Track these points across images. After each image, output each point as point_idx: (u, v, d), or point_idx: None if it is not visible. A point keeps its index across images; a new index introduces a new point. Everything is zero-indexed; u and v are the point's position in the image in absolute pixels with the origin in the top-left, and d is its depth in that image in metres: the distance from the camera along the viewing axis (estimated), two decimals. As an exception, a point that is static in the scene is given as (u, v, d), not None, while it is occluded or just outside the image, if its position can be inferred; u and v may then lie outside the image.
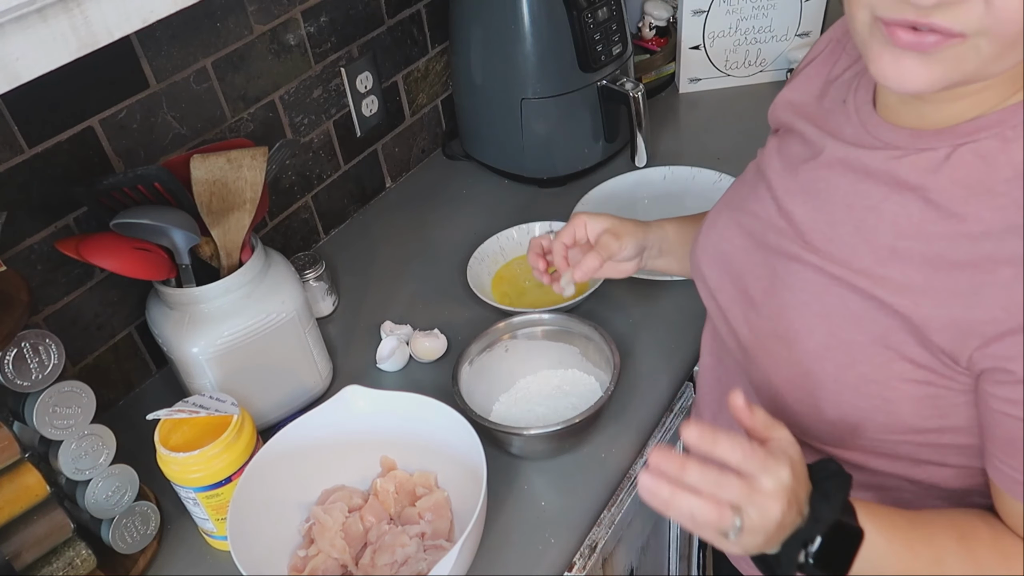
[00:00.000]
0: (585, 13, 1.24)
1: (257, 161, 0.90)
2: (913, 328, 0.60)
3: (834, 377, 0.65)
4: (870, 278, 0.62)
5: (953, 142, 0.60)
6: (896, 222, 0.62)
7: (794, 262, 0.68)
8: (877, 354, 0.62)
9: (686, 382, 1.05)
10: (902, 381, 0.62)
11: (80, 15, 0.56)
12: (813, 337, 0.66)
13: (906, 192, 0.62)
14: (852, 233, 0.65)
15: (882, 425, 0.65)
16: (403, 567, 0.82)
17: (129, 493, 0.84)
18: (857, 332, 0.63)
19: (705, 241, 0.80)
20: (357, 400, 0.89)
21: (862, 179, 0.65)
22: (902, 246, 0.61)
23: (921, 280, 0.60)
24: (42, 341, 0.74)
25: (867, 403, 0.64)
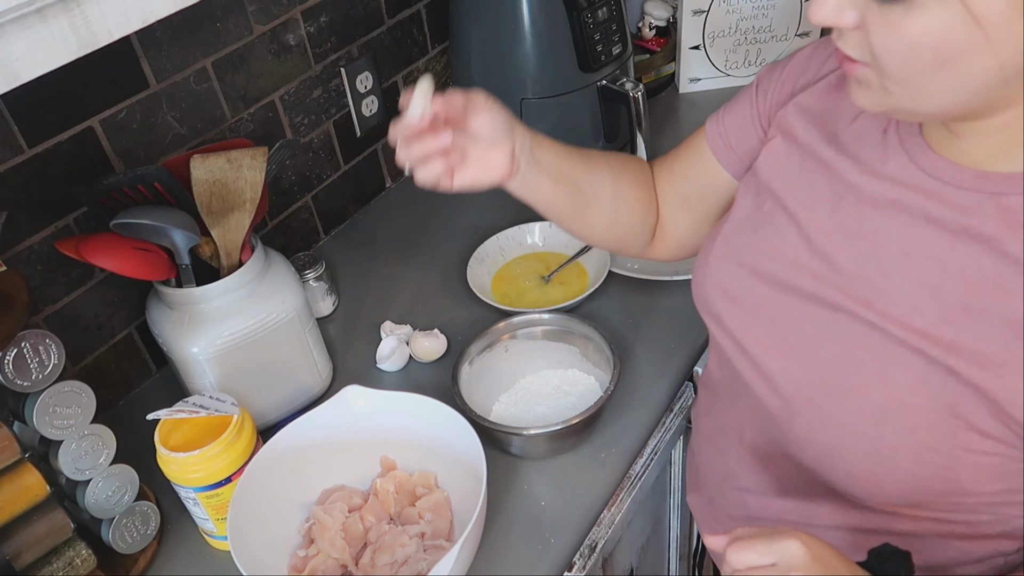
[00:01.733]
0: (585, 13, 1.24)
1: (257, 161, 0.90)
2: (991, 402, 0.55)
3: (892, 442, 0.60)
4: (938, 343, 0.57)
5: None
6: (966, 276, 0.56)
7: (841, 313, 0.62)
8: (942, 422, 0.57)
9: (686, 382, 1.05)
10: (966, 451, 0.57)
11: (80, 15, 0.56)
12: (869, 399, 0.60)
13: (976, 243, 0.56)
14: (912, 286, 0.58)
15: (937, 491, 0.61)
16: (403, 567, 0.82)
17: (129, 493, 0.84)
18: (921, 398, 0.57)
19: (717, 277, 0.74)
20: (357, 400, 0.89)
21: (921, 224, 0.59)
22: (977, 305, 0.55)
23: (1001, 348, 0.54)
24: (42, 341, 0.74)
25: (925, 471, 0.59)
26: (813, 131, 0.69)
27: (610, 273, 1.14)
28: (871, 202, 0.62)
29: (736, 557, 0.58)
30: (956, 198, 0.57)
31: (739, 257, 0.72)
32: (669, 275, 1.13)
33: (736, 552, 0.58)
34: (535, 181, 0.79)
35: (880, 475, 0.62)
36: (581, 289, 1.14)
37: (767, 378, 0.69)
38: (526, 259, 1.22)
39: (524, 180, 0.78)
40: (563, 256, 1.20)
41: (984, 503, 0.62)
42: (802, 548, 0.56)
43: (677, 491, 1.13)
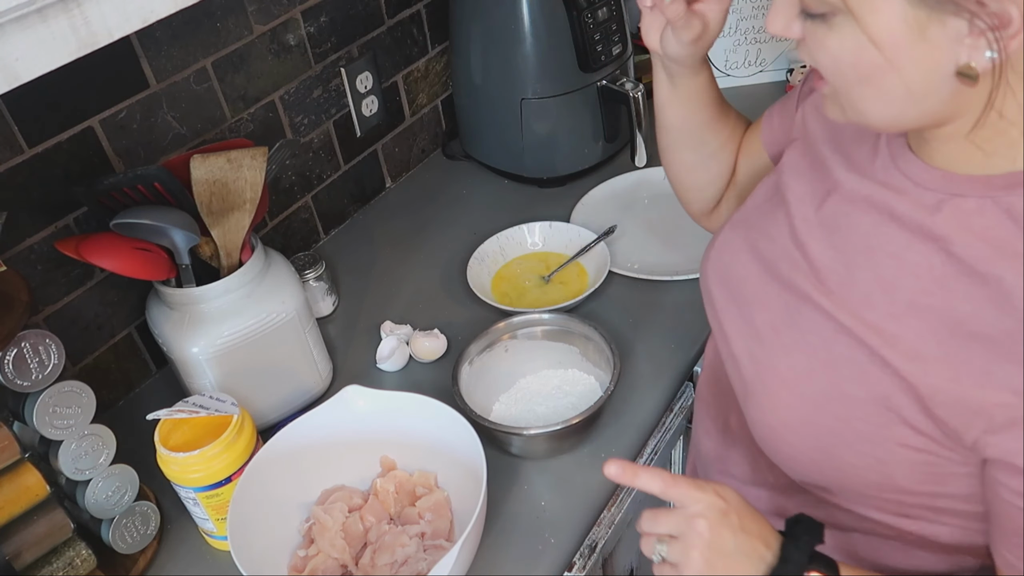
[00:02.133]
0: (585, 13, 1.24)
1: (257, 161, 0.90)
2: (918, 396, 0.57)
3: (829, 429, 0.63)
4: (880, 335, 0.59)
5: (985, 193, 0.56)
6: (917, 274, 0.58)
7: (805, 302, 0.65)
8: (876, 414, 0.59)
9: (686, 382, 1.05)
10: (898, 445, 0.59)
11: (80, 15, 0.56)
12: (813, 384, 0.63)
13: (930, 242, 0.58)
14: (871, 280, 0.61)
15: (874, 483, 0.63)
16: (403, 567, 0.82)
17: (129, 493, 0.84)
18: (858, 387, 0.60)
19: (717, 259, 0.77)
20: (357, 400, 0.89)
21: (886, 221, 0.61)
22: (921, 303, 0.58)
23: (935, 346, 0.56)
24: (42, 341, 0.74)
25: (860, 460, 0.62)
26: (820, 129, 0.72)
27: (610, 273, 1.14)
28: (848, 198, 0.65)
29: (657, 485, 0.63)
30: (922, 198, 0.59)
31: (744, 238, 0.75)
32: (669, 275, 1.13)
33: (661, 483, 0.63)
34: (687, 83, 0.83)
35: (819, 461, 0.64)
36: (581, 289, 1.14)
37: (735, 360, 0.72)
38: (526, 259, 1.22)
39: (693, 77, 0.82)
40: (563, 256, 1.20)
41: (928, 507, 0.63)
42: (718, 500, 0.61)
43: (677, 491, 1.13)
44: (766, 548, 0.61)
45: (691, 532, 0.61)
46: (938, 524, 0.64)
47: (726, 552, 0.60)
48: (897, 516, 0.65)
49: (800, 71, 1.53)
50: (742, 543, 0.60)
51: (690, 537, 0.61)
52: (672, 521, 0.62)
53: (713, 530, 0.60)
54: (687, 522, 0.61)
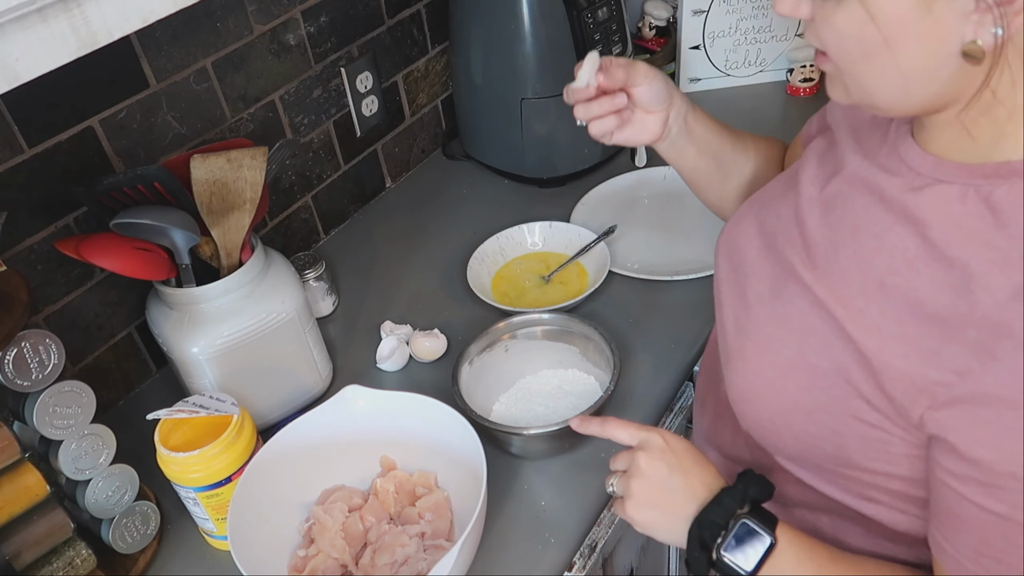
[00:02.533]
0: (585, 13, 1.24)
1: (257, 161, 0.90)
2: (871, 370, 0.59)
3: (792, 397, 0.65)
4: (848, 309, 0.61)
5: (969, 181, 0.57)
6: (892, 255, 0.60)
7: (791, 275, 0.67)
8: (835, 385, 0.61)
9: (686, 382, 1.05)
10: (853, 419, 0.61)
11: (80, 15, 0.56)
12: (783, 353, 0.65)
13: (910, 225, 0.60)
14: (850, 258, 0.63)
15: (830, 456, 0.65)
16: (403, 567, 0.82)
17: (129, 493, 0.84)
18: (822, 358, 0.62)
19: (728, 233, 0.79)
20: (357, 400, 0.89)
21: (875, 203, 0.63)
22: (890, 282, 0.59)
23: (895, 325, 0.58)
24: (42, 341, 0.74)
25: (816, 430, 0.64)
26: (842, 115, 0.74)
27: (610, 273, 1.14)
28: (849, 180, 0.67)
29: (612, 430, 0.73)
30: (912, 181, 0.61)
31: (757, 214, 0.76)
32: (669, 275, 1.13)
33: (614, 426, 0.73)
34: (682, 147, 0.88)
35: (779, 426, 0.67)
36: (581, 289, 1.14)
37: (723, 327, 0.75)
38: (526, 259, 1.22)
39: (672, 144, 0.87)
40: (563, 256, 1.21)
41: (883, 488, 0.64)
42: (659, 438, 0.69)
43: (677, 491, 1.13)
44: (705, 489, 0.66)
45: (633, 465, 0.69)
46: (896, 511, 0.66)
47: (659, 485, 0.67)
48: (858, 498, 0.67)
49: (800, 71, 1.53)
50: (677, 479, 0.66)
51: (632, 469, 0.69)
52: (623, 458, 0.71)
53: (650, 463, 0.67)
54: (631, 456, 0.69)
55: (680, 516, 0.66)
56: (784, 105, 1.52)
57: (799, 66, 1.54)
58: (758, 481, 0.65)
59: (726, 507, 0.64)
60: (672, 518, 0.66)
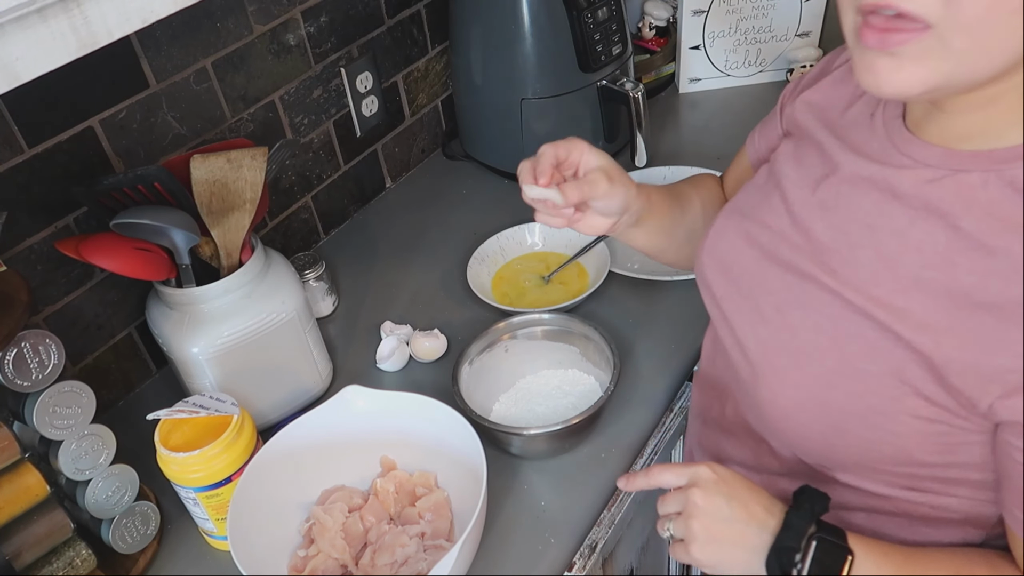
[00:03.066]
0: (585, 13, 1.24)
1: (257, 161, 0.90)
2: (931, 367, 0.58)
3: (842, 405, 0.63)
4: (888, 310, 0.60)
5: (989, 167, 0.57)
6: (921, 249, 0.59)
7: (809, 281, 0.66)
8: (890, 387, 0.60)
9: (686, 382, 1.05)
10: (912, 417, 0.60)
11: (80, 15, 0.56)
12: (824, 363, 0.64)
13: (934, 218, 0.59)
14: (873, 258, 0.62)
15: (888, 457, 0.63)
16: (403, 567, 0.82)
17: (129, 493, 0.84)
18: (870, 363, 0.61)
19: (712, 248, 0.78)
20: (357, 400, 0.89)
21: (888, 200, 0.62)
22: (926, 276, 0.59)
23: (943, 317, 0.57)
24: (42, 341, 0.74)
25: (873, 434, 0.62)
26: (813, 119, 0.73)
27: (610, 273, 1.14)
28: (848, 179, 0.66)
29: (657, 475, 0.69)
30: (923, 175, 0.60)
31: (738, 226, 0.75)
32: (669, 275, 1.13)
33: (659, 471, 0.69)
34: (630, 235, 0.87)
35: (832, 437, 0.65)
36: (581, 289, 1.14)
37: (741, 344, 0.72)
38: (526, 259, 1.22)
39: (621, 234, 0.86)
40: (563, 256, 1.20)
41: (939, 478, 0.64)
42: (709, 471, 0.65)
43: (677, 491, 1.13)
44: (767, 515, 0.63)
45: (688, 504, 0.65)
46: (946, 496, 0.65)
47: (723, 518, 0.64)
48: (906, 490, 0.66)
49: (800, 71, 1.53)
50: (737, 509, 0.64)
51: (688, 508, 0.65)
52: (674, 499, 0.67)
53: (707, 498, 0.64)
54: (684, 496, 0.66)
55: (749, 547, 0.63)
56: (784, 105, 1.52)
57: (799, 66, 1.54)
58: (818, 496, 0.64)
59: (798, 529, 0.62)
60: (742, 550, 0.64)
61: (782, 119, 0.81)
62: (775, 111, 0.83)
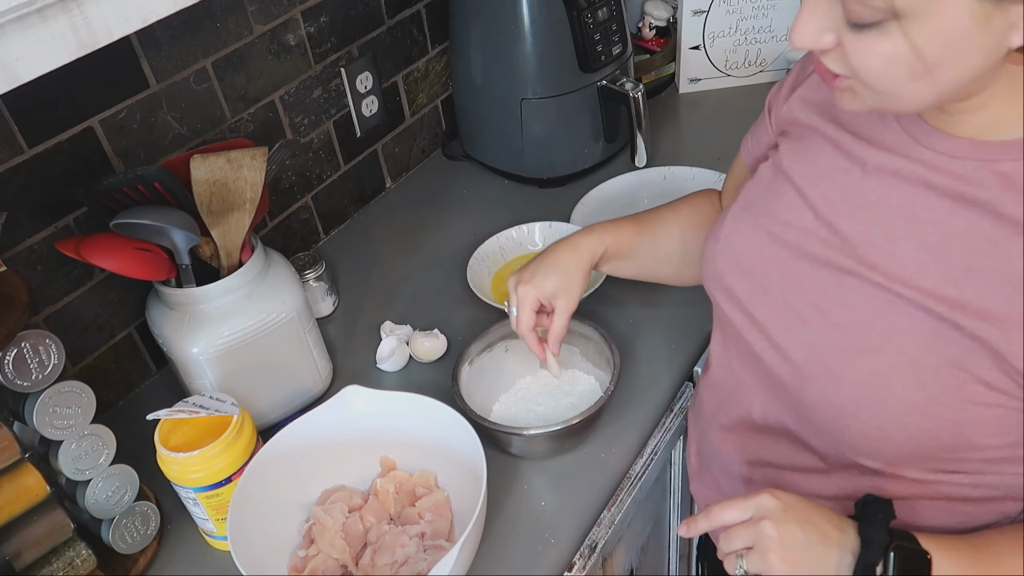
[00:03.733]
0: (585, 13, 1.24)
1: (257, 161, 0.90)
2: (995, 354, 0.58)
3: (902, 398, 0.63)
4: (943, 301, 0.60)
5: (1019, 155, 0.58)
6: (967, 237, 0.60)
7: (849, 276, 0.66)
8: (950, 376, 0.60)
9: (686, 382, 1.05)
10: (973, 404, 0.60)
11: (80, 15, 0.56)
12: (880, 358, 0.63)
13: (973, 207, 0.60)
14: (916, 249, 0.62)
15: (947, 445, 0.63)
16: (403, 567, 0.82)
17: (129, 493, 0.84)
18: (929, 354, 0.61)
19: (728, 251, 0.77)
20: (357, 400, 0.89)
21: (921, 191, 0.62)
22: (978, 265, 0.59)
23: (1002, 303, 0.58)
24: (42, 341, 0.74)
25: (935, 424, 0.62)
26: (815, 115, 0.73)
27: (610, 273, 1.14)
28: (874, 173, 0.66)
29: (719, 514, 0.65)
30: (952, 167, 0.61)
31: (754, 223, 0.75)
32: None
33: (719, 510, 0.66)
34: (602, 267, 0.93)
35: (891, 431, 0.64)
36: (581, 289, 1.13)
37: (777, 346, 0.71)
38: (526, 259, 1.22)
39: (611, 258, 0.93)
40: (563, 256, 1.20)
41: (988, 459, 0.64)
42: (773, 500, 0.63)
43: (677, 491, 1.13)
44: (840, 533, 0.62)
45: (761, 537, 0.62)
46: (989, 474, 0.65)
47: (800, 545, 0.62)
48: (949, 473, 0.66)
49: (800, 71, 1.53)
50: (812, 534, 0.62)
51: (762, 541, 0.62)
52: (743, 533, 0.64)
53: (780, 527, 0.62)
54: (755, 529, 0.63)
55: (833, 568, 0.62)
56: (784, 105, 1.52)
57: (799, 66, 1.53)
58: (883, 504, 0.63)
59: (877, 542, 0.61)
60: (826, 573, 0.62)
61: (772, 121, 0.81)
62: (764, 114, 0.83)
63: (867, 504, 0.64)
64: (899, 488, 0.69)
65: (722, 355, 0.83)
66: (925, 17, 0.51)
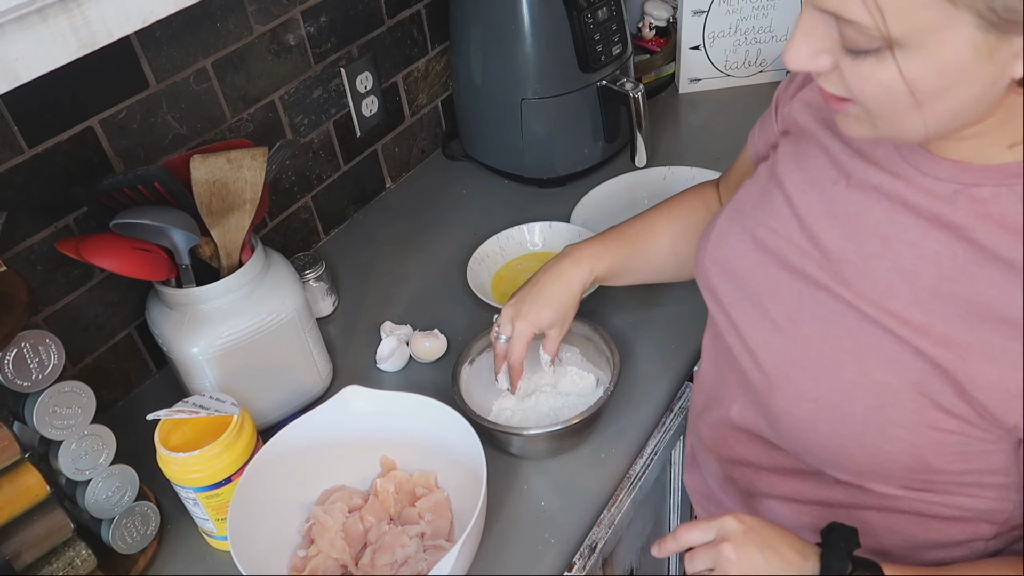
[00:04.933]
0: (585, 13, 1.24)
1: (257, 161, 0.90)
2: (954, 381, 0.58)
3: (862, 417, 0.63)
4: (907, 324, 0.60)
5: (1001, 181, 0.57)
6: (938, 262, 0.59)
7: (822, 291, 0.66)
8: (910, 400, 0.60)
9: (686, 382, 1.05)
10: (932, 429, 0.60)
11: (80, 15, 0.56)
12: (842, 375, 0.64)
13: (947, 230, 0.59)
14: (888, 269, 0.62)
15: (906, 466, 0.63)
16: (403, 567, 0.82)
17: (129, 493, 0.84)
18: (891, 375, 0.61)
19: (716, 252, 0.77)
20: (357, 400, 0.89)
21: (899, 210, 0.62)
22: (945, 290, 0.58)
23: (965, 332, 0.57)
24: (42, 341, 0.74)
25: (892, 446, 0.62)
26: (813, 120, 0.73)
27: (610, 273, 1.14)
28: (858, 186, 0.65)
29: (684, 535, 0.66)
30: (933, 187, 0.60)
31: (741, 229, 0.75)
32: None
33: (684, 531, 0.67)
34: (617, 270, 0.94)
35: (850, 448, 0.65)
36: (581, 289, 1.13)
37: (752, 352, 0.72)
38: (526, 259, 1.22)
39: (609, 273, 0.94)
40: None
41: (954, 483, 0.64)
42: (736, 522, 0.64)
43: (677, 491, 1.13)
44: (802, 559, 0.62)
45: (720, 559, 0.63)
46: (960, 496, 0.65)
47: (759, 568, 0.62)
48: (920, 491, 0.66)
49: (800, 71, 1.53)
50: (771, 558, 0.62)
51: (721, 563, 0.63)
52: (704, 555, 0.65)
53: (739, 550, 0.62)
54: (715, 551, 0.64)
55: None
56: (784, 105, 1.52)
57: (799, 66, 1.53)
58: (848, 532, 0.63)
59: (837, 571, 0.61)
60: None
61: (777, 117, 0.81)
62: (771, 109, 0.83)
63: (831, 531, 0.63)
64: (871, 500, 0.70)
65: (711, 351, 0.84)
66: (925, 47, 0.50)
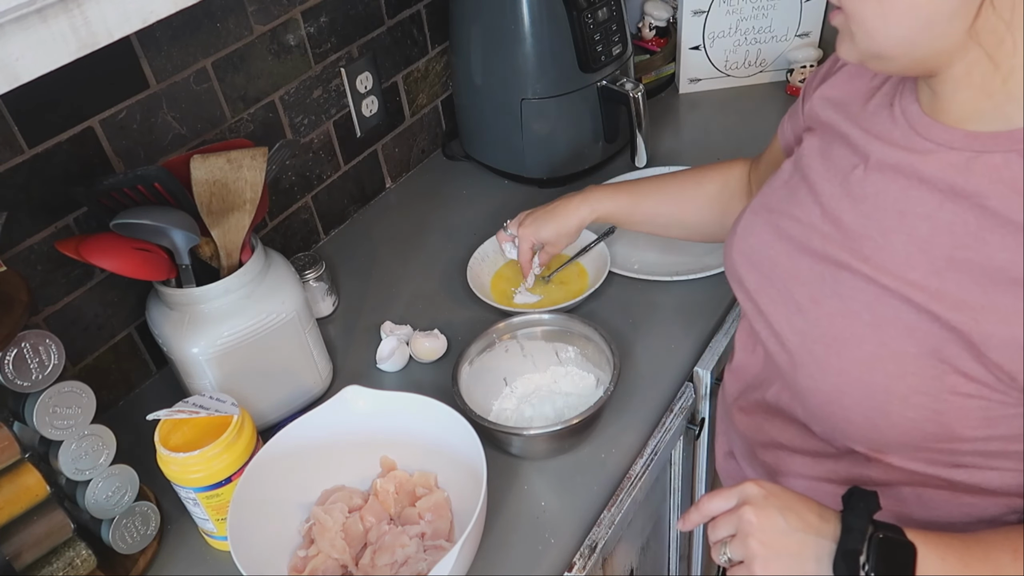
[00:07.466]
0: (585, 13, 1.24)
1: (257, 161, 0.90)
2: (969, 344, 0.59)
3: (884, 387, 0.65)
4: (925, 291, 0.62)
5: (1010, 147, 0.59)
6: (952, 231, 0.61)
7: (843, 270, 0.68)
8: (929, 367, 0.62)
9: (686, 382, 1.05)
10: (953, 394, 0.61)
11: (80, 15, 0.56)
12: (863, 347, 0.65)
13: (961, 199, 0.61)
14: (905, 242, 0.64)
15: (931, 434, 0.65)
16: (403, 567, 0.82)
17: (129, 493, 0.84)
18: (909, 344, 0.62)
19: (742, 244, 0.80)
20: (357, 400, 0.89)
21: (915, 185, 0.64)
22: (959, 257, 0.60)
23: (979, 295, 0.59)
24: (42, 341, 0.74)
25: (916, 413, 0.64)
26: (834, 113, 0.75)
27: (610, 273, 1.14)
28: (876, 167, 0.68)
29: (707, 505, 0.67)
30: (947, 158, 0.62)
31: (766, 222, 0.77)
32: (669, 275, 1.13)
33: (707, 501, 0.67)
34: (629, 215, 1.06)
35: (876, 419, 0.67)
36: (581, 289, 1.14)
37: (777, 334, 0.74)
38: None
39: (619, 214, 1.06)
40: (563, 256, 1.20)
41: (980, 451, 0.65)
42: (756, 487, 0.65)
43: (677, 491, 1.13)
44: (823, 522, 0.63)
45: (742, 523, 0.64)
46: (987, 470, 0.66)
47: (780, 530, 0.63)
48: (948, 467, 0.68)
49: (800, 71, 1.53)
50: (792, 520, 0.63)
51: (743, 527, 0.64)
52: (726, 521, 0.66)
53: (760, 513, 0.63)
54: (736, 516, 0.65)
55: (812, 556, 0.62)
56: (784, 105, 1.51)
57: (799, 66, 1.54)
58: (869, 495, 0.63)
59: (859, 530, 0.61)
60: (805, 560, 0.62)
61: (803, 111, 0.83)
62: (799, 101, 0.85)
63: (852, 495, 0.64)
64: (904, 477, 0.71)
65: (746, 341, 0.85)
66: None
